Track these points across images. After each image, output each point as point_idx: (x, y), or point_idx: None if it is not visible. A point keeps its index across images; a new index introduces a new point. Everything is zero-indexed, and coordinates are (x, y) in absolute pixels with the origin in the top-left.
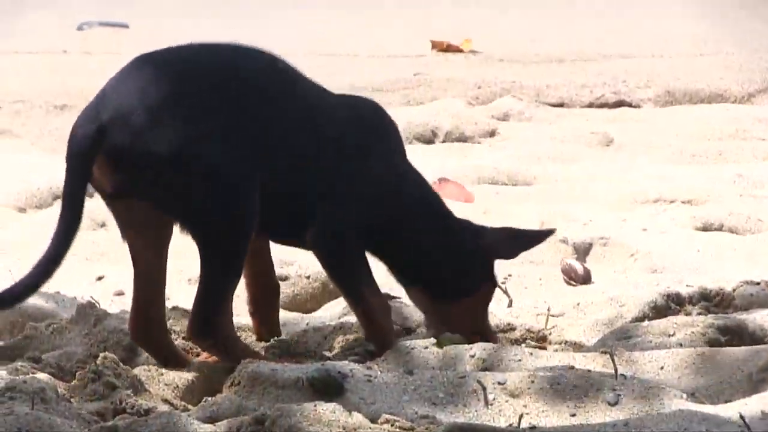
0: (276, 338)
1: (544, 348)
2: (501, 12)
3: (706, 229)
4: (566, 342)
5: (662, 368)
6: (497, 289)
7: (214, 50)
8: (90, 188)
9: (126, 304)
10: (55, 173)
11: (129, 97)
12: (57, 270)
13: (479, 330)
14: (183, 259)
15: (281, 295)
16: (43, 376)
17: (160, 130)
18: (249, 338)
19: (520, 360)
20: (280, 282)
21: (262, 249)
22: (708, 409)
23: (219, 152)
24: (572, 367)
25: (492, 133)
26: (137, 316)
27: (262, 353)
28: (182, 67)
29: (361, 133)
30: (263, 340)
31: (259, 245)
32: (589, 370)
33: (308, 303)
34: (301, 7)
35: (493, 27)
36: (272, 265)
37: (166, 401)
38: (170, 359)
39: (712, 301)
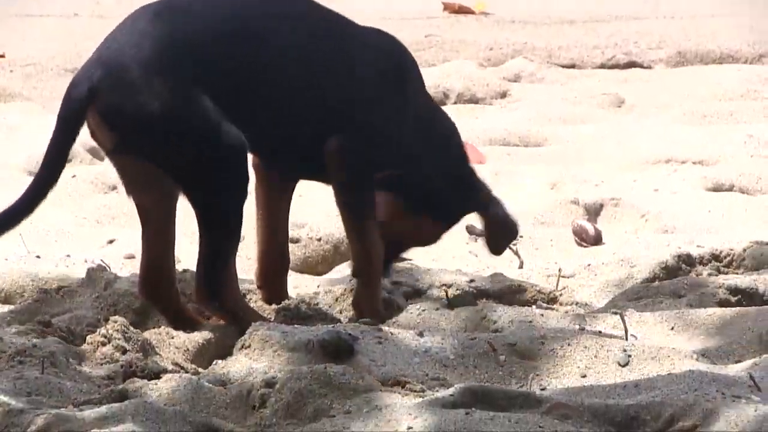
0: (287, 301)
1: (555, 309)
2: None
3: (716, 189)
4: (577, 303)
5: (672, 329)
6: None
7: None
8: (100, 151)
9: (136, 267)
10: None
11: (121, 55)
12: (23, 220)
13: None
14: (193, 223)
15: (292, 258)
16: (53, 340)
17: (151, 89)
18: (258, 302)
19: (530, 322)
20: (291, 244)
21: (279, 225)
22: (718, 369)
23: (209, 112)
24: (583, 328)
25: (503, 95)
26: (146, 273)
27: (271, 317)
28: (177, 20)
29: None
30: (271, 305)
31: (278, 216)
32: (600, 331)
33: (319, 265)
34: None
35: None
36: (287, 242)
37: (176, 364)
38: (179, 318)
39: (722, 261)
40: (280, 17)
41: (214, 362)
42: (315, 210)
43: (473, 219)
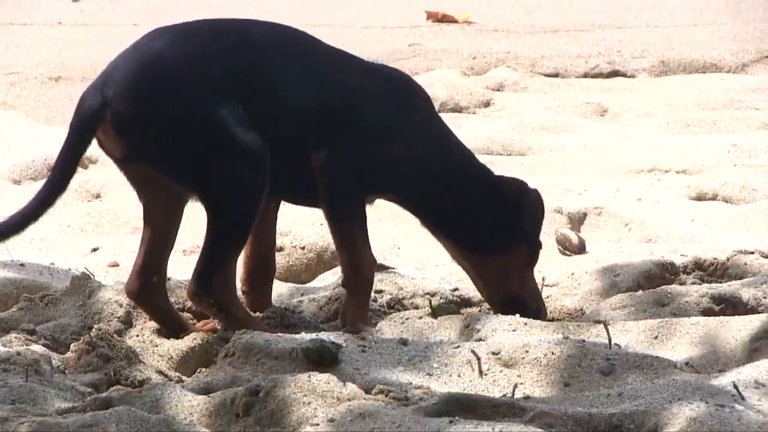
0: (270, 309)
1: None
2: None
3: (700, 198)
4: (560, 312)
5: (656, 338)
6: None
7: (225, 24)
8: (84, 159)
9: (120, 275)
10: (50, 145)
11: (135, 67)
12: (30, 225)
13: (516, 291)
14: (180, 231)
15: (276, 266)
16: (37, 347)
17: (162, 100)
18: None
19: (514, 330)
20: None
21: (266, 232)
22: (702, 378)
23: (225, 121)
24: (566, 337)
25: (487, 104)
26: (140, 274)
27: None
28: (191, 42)
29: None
30: (255, 311)
31: (267, 222)
32: (583, 340)
33: (303, 274)
34: None
35: None
36: (274, 245)
37: (160, 372)
38: (167, 320)
39: (706, 270)
40: (284, 38)
41: (198, 370)
42: (299, 218)
43: None
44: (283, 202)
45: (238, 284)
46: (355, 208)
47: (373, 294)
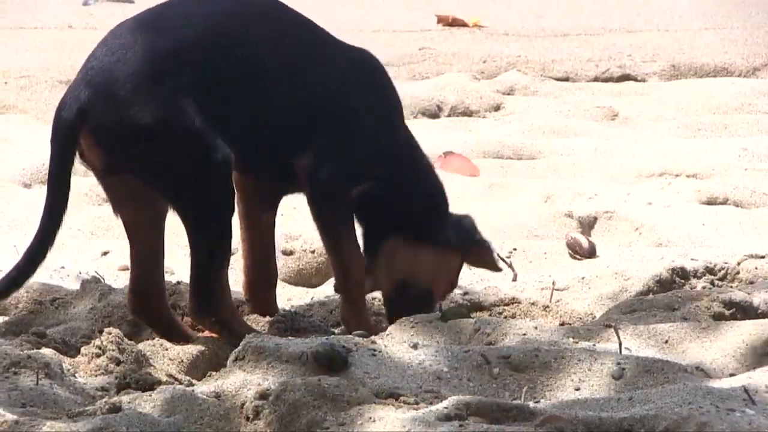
0: (280, 313)
1: (550, 322)
2: None
3: (710, 202)
4: (571, 316)
5: (666, 342)
6: (502, 264)
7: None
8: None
9: None
10: None
11: (107, 72)
12: (45, 257)
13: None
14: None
15: (286, 270)
16: (47, 351)
17: (138, 106)
18: (252, 315)
19: (524, 334)
20: (285, 256)
21: (264, 235)
22: (712, 382)
23: (196, 125)
24: (577, 341)
25: (497, 108)
26: (135, 290)
27: (264, 329)
28: (158, 31)
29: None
30: (265, 316)
31: (263, 230)
32: (594, 344)
33: (313, 278)
34: None
35: (498, 1)
36: (273, 253)
37: (170, 376)
38: (172, 332)
39: (716, 274)
40: (260, 25)
41: (208, 374)
42: (309, 222)
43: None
44: (293, 207)
45: (242, 294)
46: (343, 211)
47: (383, 298)
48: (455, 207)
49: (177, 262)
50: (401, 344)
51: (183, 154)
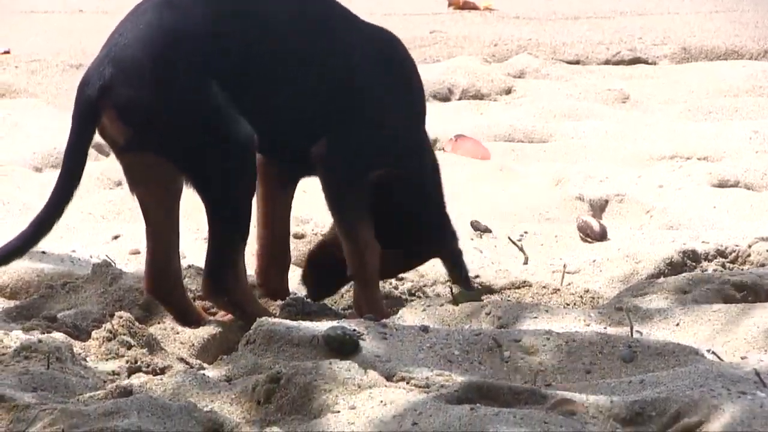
0: (291, 297)
1: (560, 305)
2: None
3: (722, 185)
4: (582, 299)
5: (678, 325)
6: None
7: None
8: (105, 147)
9: (142, 263)
10: None
11: (131, 48)
12: (50, 230)
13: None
14: (198, 218)
15: (297, 253)
16: (58, 335)
17: (161, 83)
18: (263, 298)
19: (535, 317)
20: (296, 240)
21: (280, 223)
22: (723, 365)
23: (218, 104)
24: (588, 324)
25: (508, 91)
26: (151, 270)
27: (276, 312)
28: (184, 9)
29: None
30: (277, 299)
31: (279, 213)
32: (605, 327)
33: None
34: None
35: None
36: (288, 237)
37: (181, 360)
38: (185, 314)
39: (727, 257)
40: (283, 5)
41: (219, 357)
42: (320, 205)
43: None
44: (303, 191)
45: (254, 277)
46: (358, 197)
47: (394, 281)
48: (467, 190)
49: (189, 246)
50: (412, 327)
51: (205, 132)
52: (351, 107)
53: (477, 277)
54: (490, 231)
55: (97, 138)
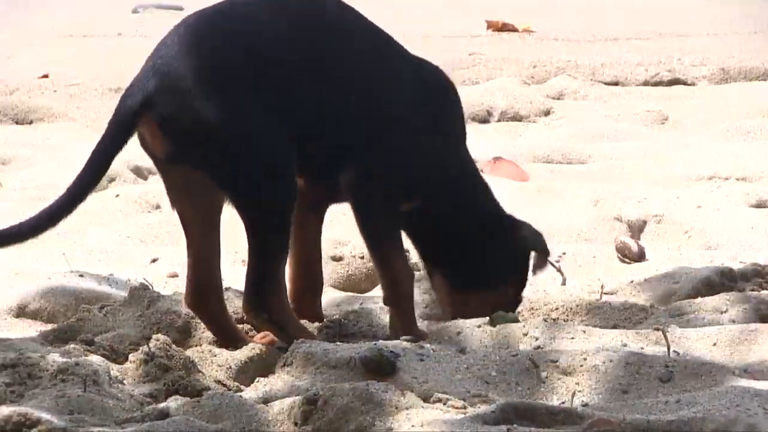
0: (329, 319)
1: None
2: None
3: (760, 206)
4: (619, 319)
5: (715, 344)
6: (551, 268)
7: (259, 7)
8: (144, 170)
9: (179, 286)
10: None
11: (176, 62)
12: (56, 224)
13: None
14: (237, 240)
15: (336, 276)
16: (95, 358)
17: (204, 98)
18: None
19: (572, 338)
20: (334, 262)
21: (311, 246)
22: (760, 385)
23: (261, 121)
24: (625, 345)
25: (547, 112)
26: (193, 285)
27: (315, 333)
28: (229, 26)
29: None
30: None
31: (311, 237)
32: (642, 347)
33: (362, 283)
34: None
35: (547, 6)
36: (320, 260)
37: (218, 382)
38: (226, 331)
39: (765, 277)
40: (326, 29)
41: (256, 380)
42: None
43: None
44: (342, 213)
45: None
46: (389, 224)
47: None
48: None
49: (227, 269)
50: (449, 348)
51: (246, 149)
52: (381, 135)
53: None
54: None
55: (136, 161)
